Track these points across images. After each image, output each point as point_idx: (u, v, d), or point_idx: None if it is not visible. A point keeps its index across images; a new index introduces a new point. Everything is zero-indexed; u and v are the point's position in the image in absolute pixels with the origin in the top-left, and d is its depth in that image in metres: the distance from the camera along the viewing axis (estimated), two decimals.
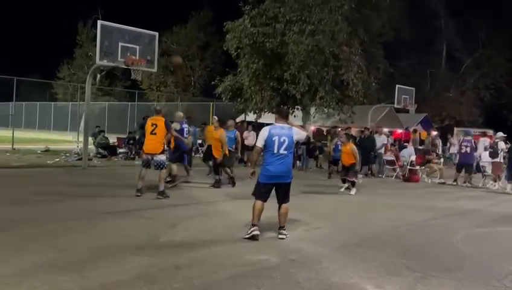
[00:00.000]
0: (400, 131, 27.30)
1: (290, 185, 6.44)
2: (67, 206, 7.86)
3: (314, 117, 21.82)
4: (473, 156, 14.89)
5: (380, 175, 16.25)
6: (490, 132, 27.15)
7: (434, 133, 23.40)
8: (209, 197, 9.55)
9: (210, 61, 39.11)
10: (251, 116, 21.94)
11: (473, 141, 15.13)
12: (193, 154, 15.45)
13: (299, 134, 6.49)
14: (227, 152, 11.09)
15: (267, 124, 6.79)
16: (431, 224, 8.05)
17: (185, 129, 11.05)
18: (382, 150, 16.52)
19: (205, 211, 8.17)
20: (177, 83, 37.50)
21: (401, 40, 29.20)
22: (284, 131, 6.33)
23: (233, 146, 11.73)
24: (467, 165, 14.67)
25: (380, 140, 16.62)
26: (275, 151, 6.23)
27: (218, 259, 5.19)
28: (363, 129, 17.60)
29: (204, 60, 39.42)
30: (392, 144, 18.39)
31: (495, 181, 14.06)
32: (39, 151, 17.81)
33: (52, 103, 42.03)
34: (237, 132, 11.91)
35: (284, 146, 6.25)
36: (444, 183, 14.72)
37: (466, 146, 14.74)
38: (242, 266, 4.96)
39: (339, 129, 16.71)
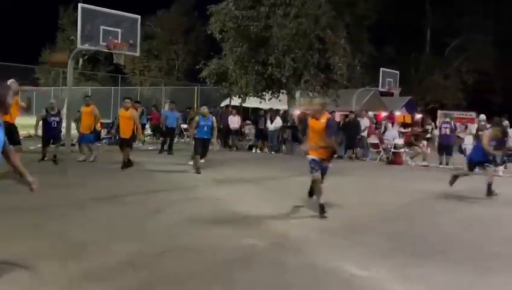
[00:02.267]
0: (384, 114, 27.44)
1: None
2: (51, 194, 7.74)
3: (299, 101, 21.79)
4: (453, 137, 15.05)
5: (364, 158, 16.34)
6: (473, 114, 27.49)
7: (418, 116, 23.58)
8: (192, 182, 9.53)
9: (194, 46, 38.79)
10: (236, 101, 21.84)
11: (452, 122, 15.31)
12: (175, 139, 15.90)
13: None
14: (139, 133, 11.62)
15: (253, 109, 6.87)
16: (417, 207, 8.12)
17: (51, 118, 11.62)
18: (365, 133, 16.59)
19: (189, 196, 8.13)
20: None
21: (386, 24, 29.18)
22: None
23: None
24: (447, 146, 14.85)
25: (363, 123, 16.68)
26: None
27: (204, 244, 5.17)
28: (347, 113, 17.66)
29: (188, 44, 39.06)
30: (376, 128, 18.49)
31: None
32: (22, 138, 17.50)
33: (34, 88, 41.30)
34: (213, 118, 11.77)
35: None
36: (427, 165, 14.85)
37: (446, 128, 14.94)
38: (229, 251, 4.95)
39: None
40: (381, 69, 21.98)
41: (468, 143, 14.74)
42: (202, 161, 11.53)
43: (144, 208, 6.92)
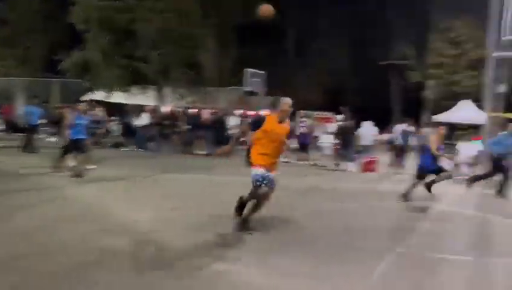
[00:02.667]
0: (250, 113, 28.29)
1: None
2: None
3: (168, 98, 21.57)
4: (310, 135, 16.29)
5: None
6: (331, 114, 29.63)
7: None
8: (55, 182, 8.94)
9: (53, 34, 36.17)
10: (100, 95, 20.86)
11: (309, 121, 16.73)
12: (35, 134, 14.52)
13: None
14: None
15: (119, 104, 6.54)
16: (277, 202, 8.47)
17: None
18: (234, 131, 17.05)
19: (52, 196, 7.63)
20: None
21: (255, 25, 30.17)
22: None
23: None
24: (304, 144, 15.98)
25: (231, 121, 17.20)
26: None
27: (66, 245, 4.92)
28: (214, 111, 17.99)
29: (46, 32, 36.32)
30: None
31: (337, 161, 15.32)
32: None
33: None
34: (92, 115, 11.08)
35: None
36: (288, 162, 15.64)
37: (303, 126, 16.22)
38: (92, 252, 4.76)
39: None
40: (247, 69, 22.63)
41: (325, 141, 15.96)
42: (88, 166, 10.30)
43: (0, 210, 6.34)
